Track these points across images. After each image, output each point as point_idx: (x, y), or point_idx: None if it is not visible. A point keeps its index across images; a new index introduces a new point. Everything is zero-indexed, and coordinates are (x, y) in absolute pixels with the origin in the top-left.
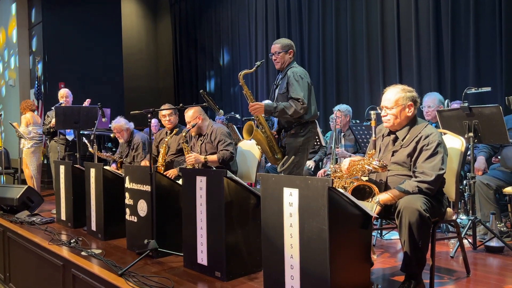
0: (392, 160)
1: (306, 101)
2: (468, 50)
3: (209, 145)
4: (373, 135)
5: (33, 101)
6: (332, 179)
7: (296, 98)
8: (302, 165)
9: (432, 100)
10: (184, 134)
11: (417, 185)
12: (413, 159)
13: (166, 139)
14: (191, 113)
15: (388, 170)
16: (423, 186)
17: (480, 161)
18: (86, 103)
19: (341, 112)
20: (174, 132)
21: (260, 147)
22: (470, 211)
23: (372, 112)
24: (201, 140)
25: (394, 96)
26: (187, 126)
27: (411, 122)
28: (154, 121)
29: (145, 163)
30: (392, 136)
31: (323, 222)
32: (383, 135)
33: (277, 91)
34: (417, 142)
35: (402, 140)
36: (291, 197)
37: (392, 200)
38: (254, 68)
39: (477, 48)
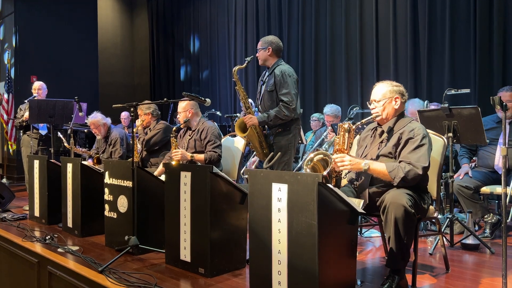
0: (378, 152)
1: (295, 102)
2: (444, 53)
3: (198, 143)
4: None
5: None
6: (322, 175)
7: (286, 101)
8: (291, 163)
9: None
10: (174, 129)
11: (409, 169)
12: (398, 150)
13: (140, 135)
14: (183, 105)
15: None
16: (411, 174)
17: (464, 167)
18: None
19: (330, 116)
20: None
21: (251, 144)
22: (449, 209)
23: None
24: (189, 135)
25: (381, 90)
26: (178, 116)
27: (399, 115)
28: (124, 114)
29: None
30: (379, 129)
31: (312, 217)
32: (370, 130)
33: (263, 87)
34: (402, 133)
35: (388, 133)
36: (280, 193)
37: (376, 172)
38: (245, 64)
39: (452, 51)
